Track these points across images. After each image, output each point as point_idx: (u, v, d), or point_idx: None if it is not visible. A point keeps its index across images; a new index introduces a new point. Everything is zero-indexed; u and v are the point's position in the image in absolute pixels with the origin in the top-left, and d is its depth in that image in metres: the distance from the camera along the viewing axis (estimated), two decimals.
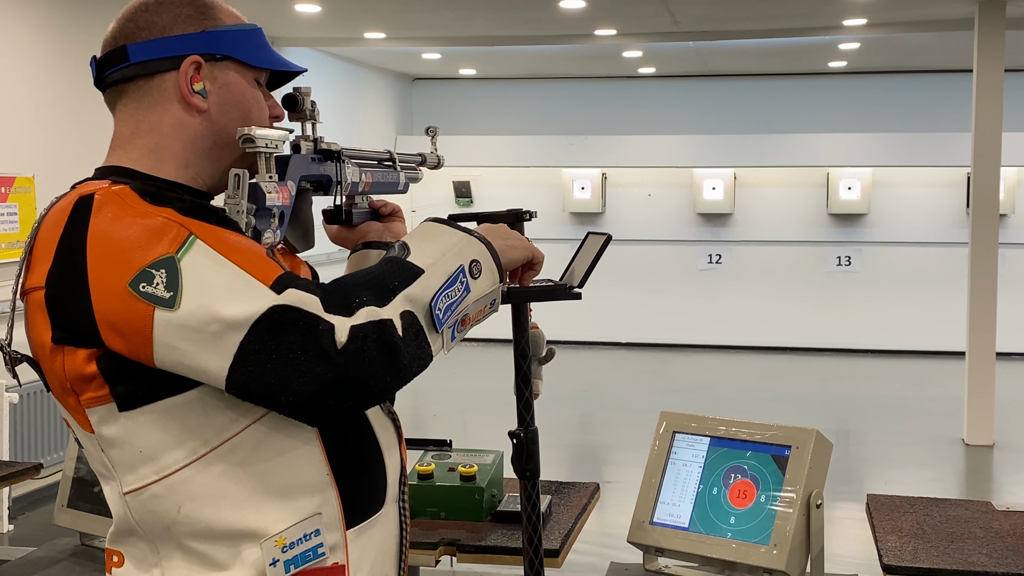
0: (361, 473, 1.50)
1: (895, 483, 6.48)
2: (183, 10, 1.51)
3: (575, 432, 8.14)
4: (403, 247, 1.46)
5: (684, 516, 2.35)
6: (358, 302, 1.35)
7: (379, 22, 8.47)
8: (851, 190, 11.02)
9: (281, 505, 1.41)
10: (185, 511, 1.39)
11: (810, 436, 2.27)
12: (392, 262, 1.43)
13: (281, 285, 1.33)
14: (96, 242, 1.35)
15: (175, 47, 1.49)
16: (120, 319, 1.32)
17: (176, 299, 1.30)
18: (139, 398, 1.37)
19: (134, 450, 1.39)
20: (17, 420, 5.76)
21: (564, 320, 10.72)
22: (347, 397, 1.33)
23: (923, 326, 10.92)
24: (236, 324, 1.30)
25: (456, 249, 1.48)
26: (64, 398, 1.42)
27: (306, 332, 1.30)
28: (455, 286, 1.45)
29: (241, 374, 1.31)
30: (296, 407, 1.33)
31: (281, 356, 1.30)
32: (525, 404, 1.93)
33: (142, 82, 1.50)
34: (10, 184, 5.86)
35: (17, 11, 5.98)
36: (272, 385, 1.30)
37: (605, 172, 11.54)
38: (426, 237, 1.49)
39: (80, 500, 2.88)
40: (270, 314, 1.30)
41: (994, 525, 2.60)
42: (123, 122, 1.52)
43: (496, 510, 2.73)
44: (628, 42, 9.28)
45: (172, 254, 1.32)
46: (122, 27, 1.51)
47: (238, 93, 1.53)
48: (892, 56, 10.29)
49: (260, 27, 1.58)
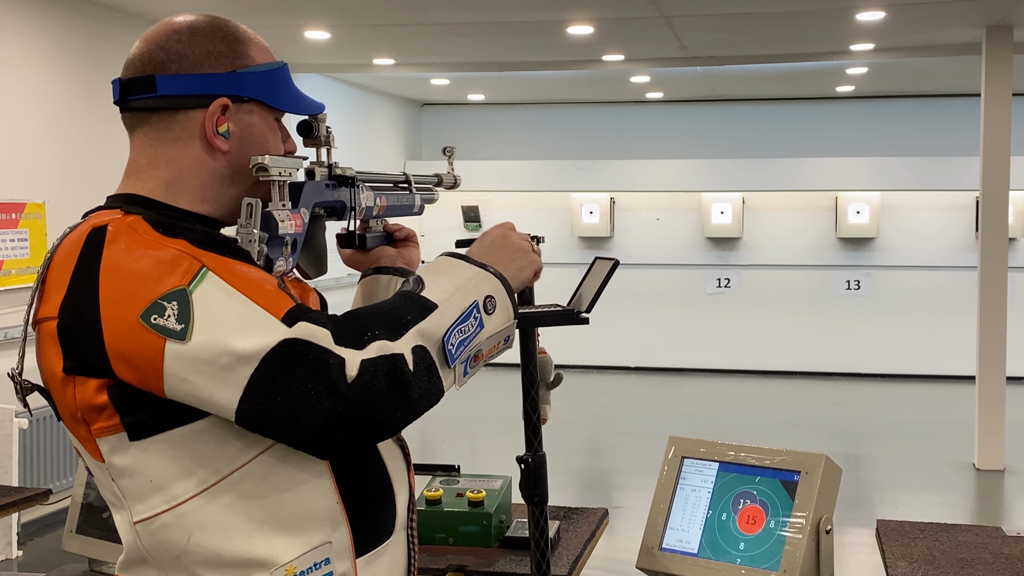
0: (372, 503, 1.50)
1: (905, 508, 6.45)
2: (216, 46, 1.50)
3: (583, 457, 8.12)
4: (418, 281, 1.46)
5: (693, 542, 2.35)
6: (370, 335, 1.36)
7: (388, 48, 8.51)
8: (860, 214, 11.02)
9: (291, 535, 1.41)
10: (195, 540, 1.39)
11: (819, 461, 2.26)
12: (406, 296, 1.43)
13: (292, 318, 1.33)
14: (108, 274, 1.35)
15: (204, 86, 1.49)
16: (131, 351, 1.32)
17: (187, 331, 1.30)
18: (149, 428, 1.37)
19: (144, 479, 1.39)
20: (27, 446, 5.76)
21: (572, 345, 10.74)
22: (356, 431, 1.33)
23: (933, 350, 10.89)
24: (247, 357, 1.30)
25: (471, 284, 1.48)
26: (75, 427, 1.42)
27: (316, 366, 1.30)
28: (468, 321, 1.44)
29: (251, 407, 1.31)
30: (305, 440, 1.33)
31: (291, 390, 1.30)
32: (533, 429, 1.93)
33: (166, 115, 1.49)
34: (21, 210, 5.89)
35: (30, 38, 6.03)
36: (282, 418, 1.31)
37: (613, 196, 11.56)
38: (441, 272, 1.49)
39: (89, 526, 2.88)
40: (280, 348, 1.30)
41: (1004, 551, 2.59)
42: (141, 150, 1.51)
43: (504, 536, 2.72)
44: (636, 67, 9.31)
45: (184, 286, 1.32)
46: (152, 53, 1.50)
47: (260, 135, 1.53)
48: (900, 80, 10.31)
49: (286, 64, 1.58)
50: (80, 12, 6.38)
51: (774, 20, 7.26)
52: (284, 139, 1.59)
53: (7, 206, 5.80)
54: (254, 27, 1.62)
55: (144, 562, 1.45)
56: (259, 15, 6.92)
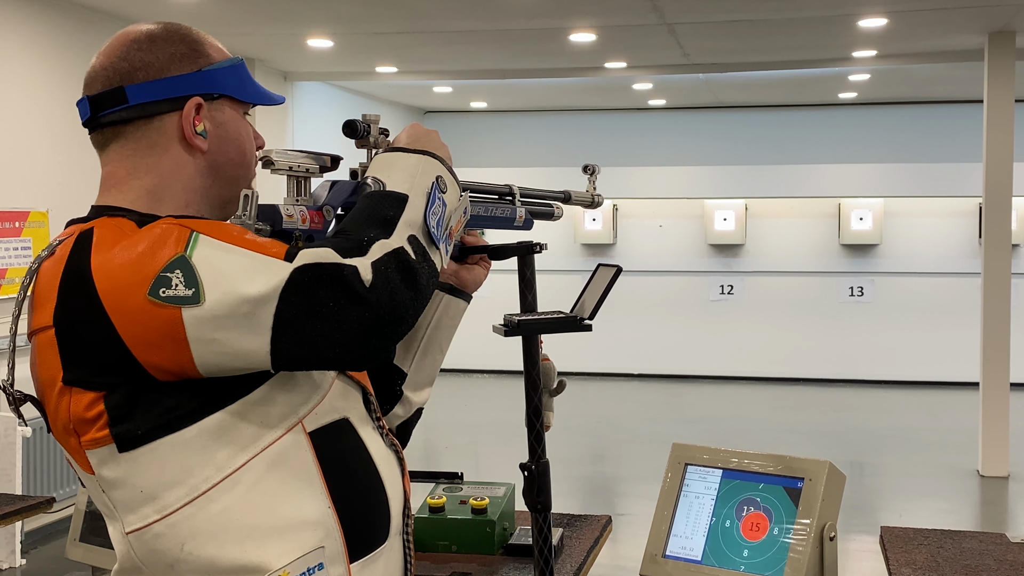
0: (365, 508, 1.49)
1: (909, 515, 6.45)
2: (177, 48, 1.51)
3: (587, 464, 8.11)
4: (376, 180, 1.49)
5: (697, 549, 2.34)
6: (367, 240, 1.37)
7: (391, 56, 8.53)
8: (863, 220, 11.02)
9: (284, 540, 1.41)
10: (188, 548, 1.39)
11: (823, 468, 2.26)
12: (376, 195, 1.46)
13: (291, 254, 1.35)
14: (102, 268, 1.35)
15: (175, 88, 1.49)
16: (150, 331, 1.32)
17: (200, 294, 1.31)
18: (138, 438, 1.36)
19: (135, 490, 1.39)
20: (30, 454, 5.77)
21: (575, 352, 10.75)
22: (389, 331, 1.35)
23: (936, 357, 10.89)
24: (264, 299, 1.31)
25: (420, 170, 1.51)
26: (65, 439, 1.42)
27: (333, 282, 1.32)
28: (436, 203, 1.48)
29: (284, 343, 1.31)
30: (344, 357, 1.34)
31: (316, 312, 1.31)
32: (536, 436, 1.93)
33: (141, 123, 1.50)
34: (24, 218, 5.90)
35: (33, 47, 6.04)
36: (316, 343, 1.32)
37: (616, 204, 11.56)
38: (391, 166, 1.52)
39: (92, 534, 2.88)
40: (293, 278, 1.31)
41: (1008, 557, 2.58)
42: (118, 163, 1.52)
43: (508, 543, 2.72)
44: (638, 74, 9.32)
45: (182, 253, 1.33)
46: (115, 65, 1.50)
47: (234, 130, 1.55)
48: (902, 87, 10.31)
49: (242, 59, 1.59)
50: (83, 21, 6.40)
51: (776, 27, 7.27)
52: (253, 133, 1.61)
53: (10, 215, 5.81)
54: (257, 35, 1.63)
55: (138, 572, 1.44)
56: (262, 24, 6.93)
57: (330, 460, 1.45)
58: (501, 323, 1.97)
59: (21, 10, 5.94)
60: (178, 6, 6.41)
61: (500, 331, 1.95)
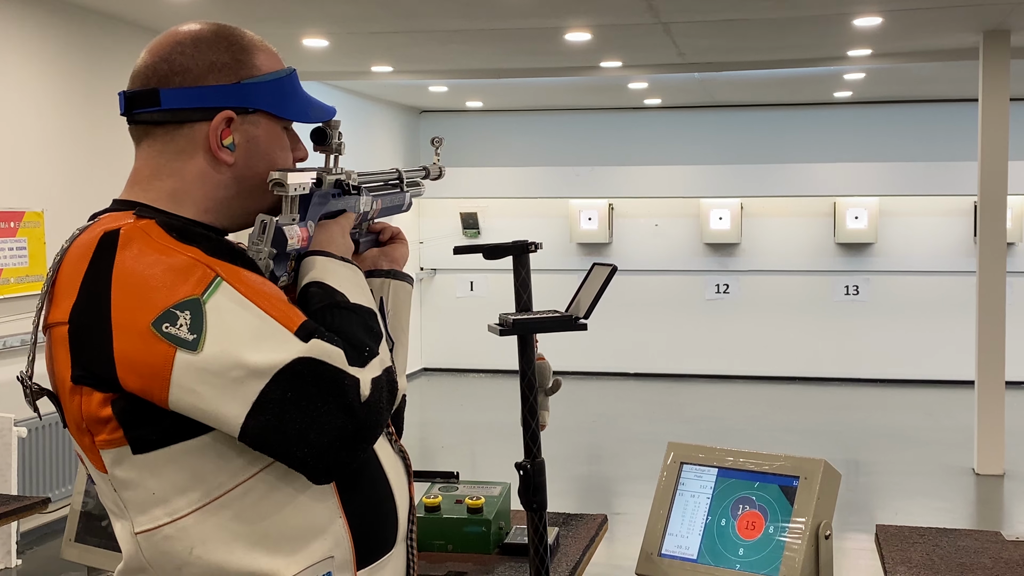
0: (374, 515, 1.49)
1: (904, 513, 6.45)
2: (220, 57, 1.48)
3: (582, 463, 8.12)
4: (323, 285, 1.46)
5: (692, 548, 2.34)
6: (368, 351, 1.38)
7: (386, 56, 8.52)
8: (858, 219, 11.04)
9: (293, 549, 1.41)
10: (197, 553, 1.39)
11: (818, 466, 2.27)
12: (354, 307, 1.44)
13: (306, 333, 1.33)
14: (121, 278, 1.34)
15: (208, 99, 1.47)
16: (140, 358, 1.31)
17: (200, 342, 1.30)
18: (153, 442, 1.36)
19: (147, 492, 1.39)
20: (25, 454, 5.76)
21: (571, 351, 10.76)
22: (361, 447, 1.35)
23: (932, 355, 10.91)
24: (259, 371, 1.30)
25: (361, 281, 1.52)
26: (80, 437, 1.42)
27: (330, 385, 1.31)
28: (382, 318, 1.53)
29: (257, 423, 1.30)
30: (309, 459, 1.33)
31: (302, 408, 1.30)
32: (532, 435, 1.93)
33: (171, 128, 1.48)
34: (19, 219, 5.89)
35: (29, 47, 6.03)
36: (288, 436, 1.31)
37: (612, 203, 11.57)
38: (337, 275, 1.49)
39: (88, 534, 2.88)
40: (294, 366, 1.30)
41: (1004, 555, 2.59)
42: (145, 161, 1.50)
43: (503, 542, 2.72)
44: (634, 74, 9.32)
45: (198, 296, 1.31)
46: (155, 66, 1.48)
47: (266, 145, 1.52)
48: (897, 86, 10.32)
49: (294, 70, 1.56)
50: (79, 21, 6.39)
51: (771, 26, 7.27)
52: (294, 146, 1.58)
53: (6, 215, 5.80)
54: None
55: (144, 572, 1.44)
56: (257, 23, 6.92)
57: (333, 478, 1.44)
58: (496, 322, 1.97)
59: (17, 10, 5.93)
60: (174, 6, 6.40)
61: (495, 330, 1.96)
